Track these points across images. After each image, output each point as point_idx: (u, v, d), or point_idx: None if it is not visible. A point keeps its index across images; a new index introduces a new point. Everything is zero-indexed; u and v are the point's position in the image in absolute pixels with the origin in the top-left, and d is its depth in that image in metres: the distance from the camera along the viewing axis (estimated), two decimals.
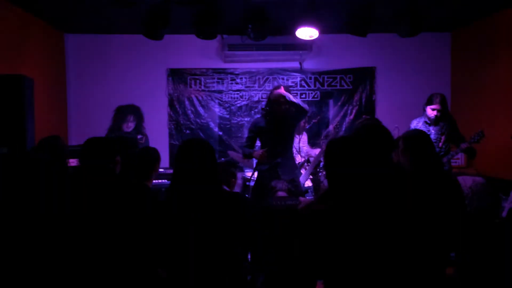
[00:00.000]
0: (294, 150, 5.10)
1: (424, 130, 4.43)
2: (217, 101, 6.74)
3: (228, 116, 6.75)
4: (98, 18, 5.74)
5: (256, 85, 6.75)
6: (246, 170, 5.88)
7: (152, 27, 5.23)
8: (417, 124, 4.88)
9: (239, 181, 5.76)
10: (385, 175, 2.63)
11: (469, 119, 6.08)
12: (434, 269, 2.75)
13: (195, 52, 6.58)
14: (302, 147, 5.31)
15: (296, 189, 4.09)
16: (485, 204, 3.54)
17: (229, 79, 6.73)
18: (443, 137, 4.73)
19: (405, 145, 2.99)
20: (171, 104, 6.69)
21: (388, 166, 2.98)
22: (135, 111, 5.20)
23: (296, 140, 5.11)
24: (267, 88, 6.72)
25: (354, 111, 6.76)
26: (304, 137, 5.47)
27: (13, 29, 5.01)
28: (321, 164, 5.06)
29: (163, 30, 5.30)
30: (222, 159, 6.17)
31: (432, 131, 4.73)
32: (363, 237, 2.31)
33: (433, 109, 4.70)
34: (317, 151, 5.32)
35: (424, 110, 4.80)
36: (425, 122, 4.83)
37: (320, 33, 5.56)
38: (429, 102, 4.74)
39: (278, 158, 4.37)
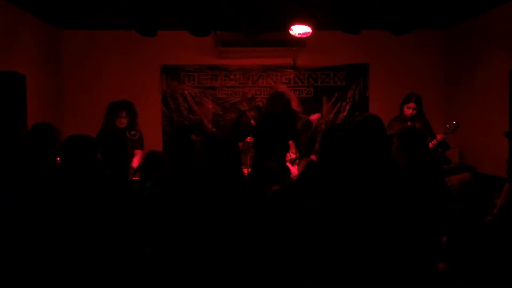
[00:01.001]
0: None
1: None
2: (210, 97, 6.72)
3: (221, 112, 6.73)
4: (92, 14, 5.71)
5: (250, 81, 6.74)
6: None
7: (145, 24, 5.21)
8: (395, 123, 5.05)
9: None
10: (381, 170, 2.65)
11: (462, 116, 6.11)
12: (427, 264, 2.77)
13: (188, 49, 6.55)
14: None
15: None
16: (474, 198, 3.57)
17: (223, 75, 6.71)
18: None
19: (399, 142, 3.01)
20: (164, 101, 6.67)
21: (385, 161, 3.00)
22: (127, 107, 5.17)
23: None
24: (260, 85, 6.72)
25: (347, 107, 6.78)
26: None
27: (7, 26, 4.96)
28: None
29: (156, 27, 5.28)
30: None
31: None
32: (357, 233, 2.32)
33: (408, 108, 4.97)
34: None
35: (401, 109, 5.05)
36: (401, 120, 5.03)
37: (313, 29, 5.57)
38: (405, 101, 5.02)
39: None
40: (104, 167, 3.01)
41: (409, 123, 4.94)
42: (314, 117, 5.26)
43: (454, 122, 4.85)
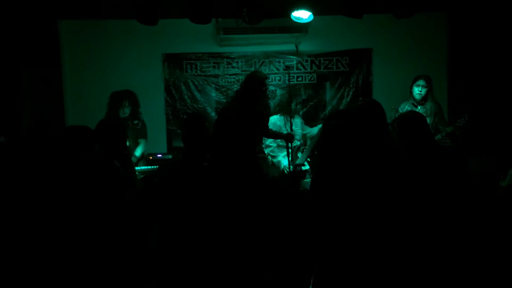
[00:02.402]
0: None
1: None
2: (213, 85, 6.70)
3: (225, 100, 6.69)
4: (92, 3, 5.68)
5: (252, 68, 6.70)
6: None
7: (146, 12, 5.18)
8: (405, 106, 5.11)
9: None
10: (382, 163, 2.63)
11: (465, 100, 6.08)
12: (437, 260, 2.75)
13: (190, 37, 6.50)
14: (296, 130, 5.33)
15: None
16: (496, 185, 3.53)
17: (225, 63, 6.68)
18: (428, 119, 4.84)
19: (400, 127, 2.98)
20: (167, 90, 6.64)
21: (386, 149, 2.98)
22: (129, 96, 5.18)
23: (288, 123, 5.14)
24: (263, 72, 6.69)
25: (351, 93, 6.74)
26: (297, 120, 5.48)
27: (6, 19, 4.95)
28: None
29: (157, 15, 5.25)
30: None
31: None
32: (360, 226, 2.32)
33: (417, 85, 5.00)
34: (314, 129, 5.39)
35: (411, 92, 5.08)
36: (412, 103, 5.06)
37: (315, 15, 5.52)
38: (415, 80, 5.07)
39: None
40: (112, 158, 3.01)
41: (419, 106, 4.95)
42: None
43: (464, 115, 4.80)
